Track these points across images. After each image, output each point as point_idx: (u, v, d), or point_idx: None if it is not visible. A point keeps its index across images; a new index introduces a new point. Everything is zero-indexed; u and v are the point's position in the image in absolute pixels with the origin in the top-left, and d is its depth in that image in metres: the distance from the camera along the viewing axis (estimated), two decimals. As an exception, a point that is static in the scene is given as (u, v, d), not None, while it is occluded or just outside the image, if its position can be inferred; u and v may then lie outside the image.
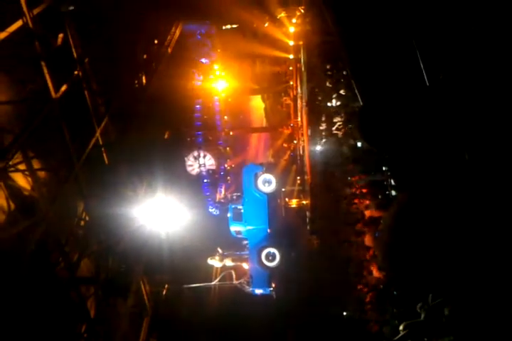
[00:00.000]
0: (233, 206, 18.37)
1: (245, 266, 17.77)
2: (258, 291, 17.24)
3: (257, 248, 17.40)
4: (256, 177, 18.11)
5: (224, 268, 18.08)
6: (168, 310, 17.80)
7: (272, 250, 17.16)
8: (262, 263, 17.10)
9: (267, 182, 18.05)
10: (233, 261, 17.88)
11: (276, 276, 17.40)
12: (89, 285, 12.95)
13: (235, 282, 17.62)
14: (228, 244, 18.82)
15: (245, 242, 18.25)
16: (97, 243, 13.31)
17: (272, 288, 17.06)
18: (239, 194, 19.31)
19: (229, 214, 18.43)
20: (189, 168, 23.14)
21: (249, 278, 17.39)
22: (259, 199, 17.98)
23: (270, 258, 17.16)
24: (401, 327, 5.47)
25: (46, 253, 11.02)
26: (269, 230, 17.63)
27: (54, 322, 10.73)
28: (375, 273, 18.97)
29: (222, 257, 17.85)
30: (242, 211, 18.05)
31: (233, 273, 17.72)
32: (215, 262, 17.77)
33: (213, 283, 17.80)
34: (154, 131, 18.50)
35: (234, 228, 18.12)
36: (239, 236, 18.27)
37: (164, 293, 18.08)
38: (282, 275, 17.90)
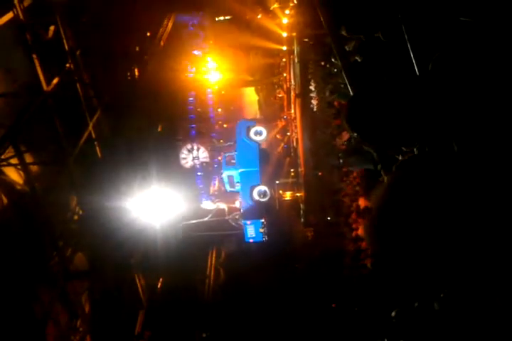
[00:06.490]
0: (226, 154, 19.51)
1: (237, 204, 18.55)
2: (250, 233, 17.59)
3: (248, 186, 18.10)
4: (248, 129, 19.42)
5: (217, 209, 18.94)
6: (163, 303, 17.82)
7: (264, 188, 17.96)
8: (254, 199, 17.66)
9: (258, 134, 19.42)
10: (226, 203, 18.72)
11: (266, 212, 18.10)
12: (83, 279, 12.93)
13: (227, 217, 18.51)
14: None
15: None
16: (91, 237, 13.26)
17: (263, 225, 17.40)
18: (231, 143, 20.49)
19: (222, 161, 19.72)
20: (183, 161, 23.02)
21: (240, 212, 18.19)
22: (250, 146, 19.25)
23: (262, 195, 17.93)
24: (393, 314, 5.47)
25: (40, 247, 10.97)
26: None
27: (47, 317, 10.70)
28: (369, 264, 19.01)
29: (215, 200, 18.79)
30: (235, 157, 19.17)
31: (226, 208, 18.68)
32: (208, 204, 18.33)
33: (207, 218, 18.50)
34: (147, 124, 18.45)
35: (227, 173, 18.75)
36: (232, 189, 18.81)
37: (159, 286, 18.09)
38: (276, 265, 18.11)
